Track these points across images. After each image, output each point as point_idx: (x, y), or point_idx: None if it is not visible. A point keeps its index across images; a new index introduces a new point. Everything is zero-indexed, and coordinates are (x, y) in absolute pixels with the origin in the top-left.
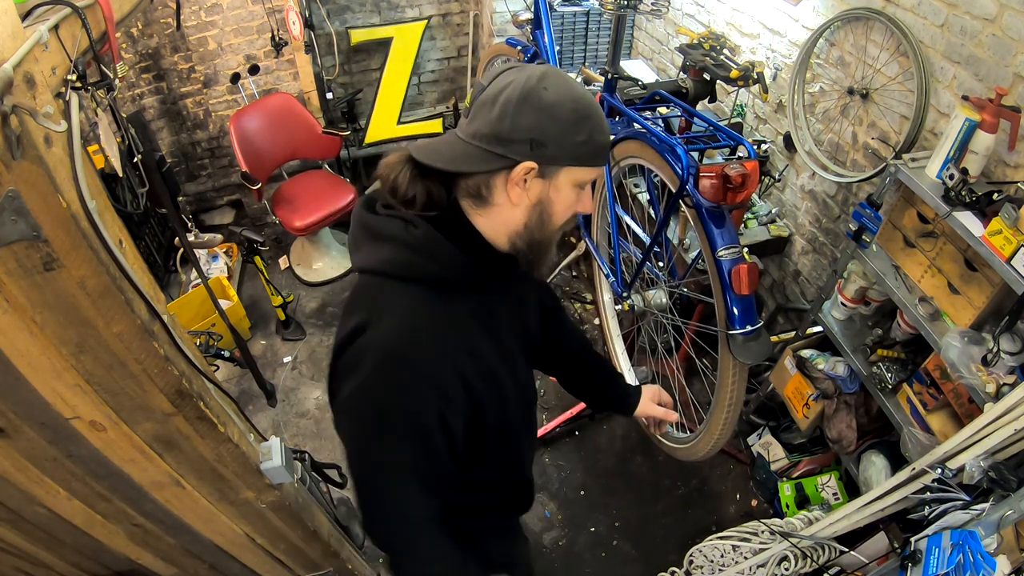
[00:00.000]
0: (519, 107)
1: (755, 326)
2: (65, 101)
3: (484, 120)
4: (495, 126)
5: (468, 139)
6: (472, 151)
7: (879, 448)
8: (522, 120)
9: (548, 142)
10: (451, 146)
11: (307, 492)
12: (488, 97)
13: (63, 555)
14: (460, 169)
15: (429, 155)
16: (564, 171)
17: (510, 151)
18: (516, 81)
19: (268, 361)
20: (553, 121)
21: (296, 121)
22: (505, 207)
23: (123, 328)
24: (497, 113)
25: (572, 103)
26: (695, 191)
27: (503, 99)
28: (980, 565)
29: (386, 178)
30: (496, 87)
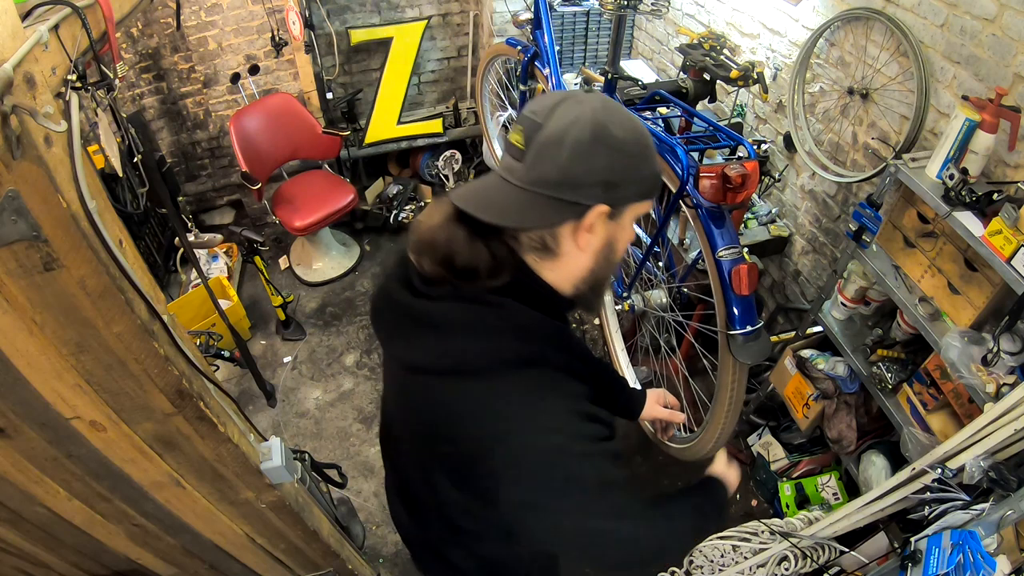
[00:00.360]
0: (592, 148)
1: (755, 326)
2: (65, 101)
3: (552, 165)
4: (566, 171)
5: (530, 187)
6: (538, 200)
7: (879, 448)
8: (596, 162)
9: (620, 182)
10: (507, 195)
11: (307, 492)
12: (553, 139)
13: (63, 555)
14: (530, 225)
15: (488, 211)
16: (630, 208)
17: (582, 196)
18: (582, 118)
19: (268, 361)
20: (625, 159)
21: (296, 121)
22: (572, 255)
23: (123, 328)
24: (567, 156)
25: (637, 135)
26: (695, 191)
27: (572, 140)
28: (980, 565)
29: (433, 244)
30: (558, 126)
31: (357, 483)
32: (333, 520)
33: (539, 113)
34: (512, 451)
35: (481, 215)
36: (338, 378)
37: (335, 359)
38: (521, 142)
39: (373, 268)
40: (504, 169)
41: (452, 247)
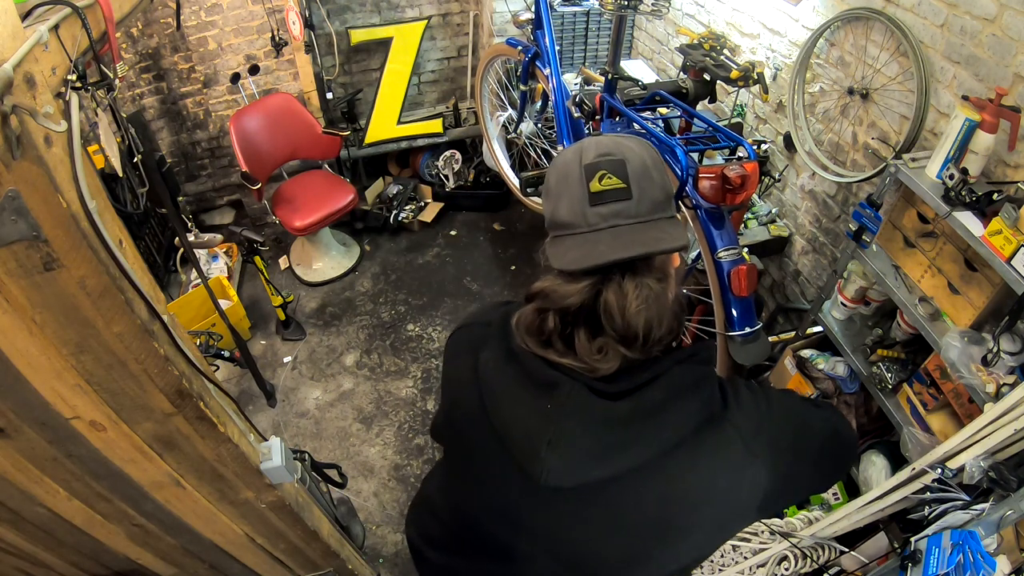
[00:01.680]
0: (656, 164)
1: (754, 328)
2: (65, 101)
3: (656, 187)
4: (664, 187)
5: (649, 216)
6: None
7: (879, 448)
8: (666, 174)
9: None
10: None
11: (307, 492)
12: (641, 167)
13: (63, 555)
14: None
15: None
16: None
17: (674, 207)
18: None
19: (268, 361)
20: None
21: (296, 121)
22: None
23: (123, 328)
24: (658, 175)
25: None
26: (694, 192)
27: (652, 161)
28: (980, 565)
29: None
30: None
31: (357, 483)
32: (333, 520)
33: (613, 153)
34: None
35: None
36: (338, 378)
37: (335, 359)
38: (619, 182)
39: (373, 268)
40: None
41: (660, 322)
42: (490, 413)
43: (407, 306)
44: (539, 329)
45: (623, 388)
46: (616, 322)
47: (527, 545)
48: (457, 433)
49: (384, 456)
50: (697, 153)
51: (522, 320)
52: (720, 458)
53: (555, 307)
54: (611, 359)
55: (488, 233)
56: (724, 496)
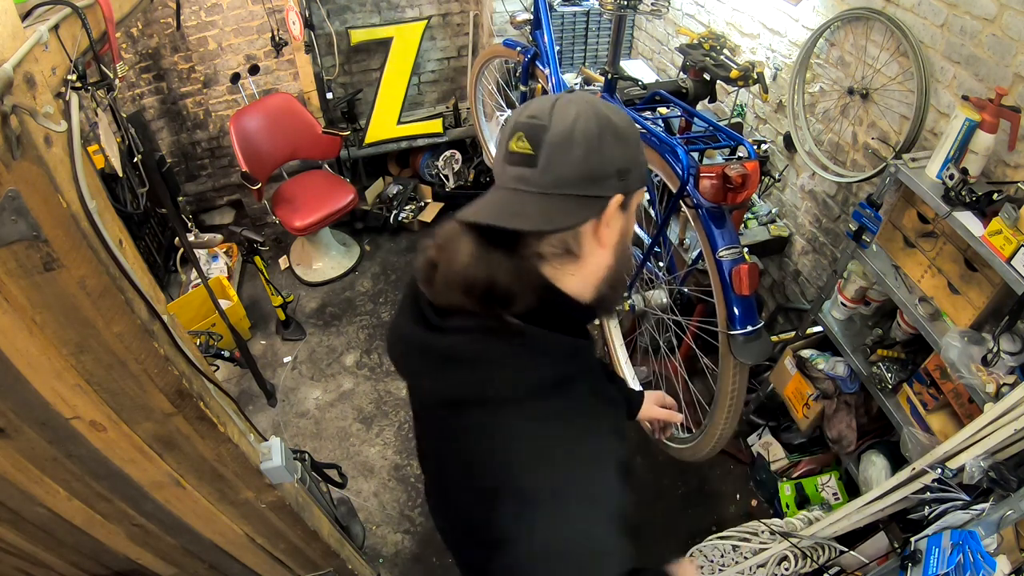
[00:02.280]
0: (601, 139)
1: (756, 326)
2: (65, 101)
3: (567, 163)
4: (583, 166)
5: (551, 190)
6: (563, 202)
7: (879, 448)
8: (607, 152)
9: (630, 168)
10: (529, 205)
11: (307, 492)
12: (563, 137)
13: (63, 555)
14: (564, 226)
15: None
16: (636, 195)
17: (603, 188)
18: (584, 113)
19: (268, 361)
20: (629, 146)
21: (296, 121)
22: (595, 254)
23: (123, 328)
24: (582, 151)
25: (631, 122)
26: (695, 191)
27: (581, 135)
28: (980, 565)
29: (470, 276)
30: (564, 124)
31: (357, 483)
32: (333, 520)
33: (540, 115)
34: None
35: (511, 224)
36: (338, 378)
37: (335, 359)
38: (528, 148)
39: (373, 268)
40: (514, 180)
41: (493, 274)
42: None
43: None
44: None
45: (443, 324)
46: (442, 268)
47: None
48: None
49: (384, 456)
50: (697, 152)
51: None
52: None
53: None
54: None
55: None
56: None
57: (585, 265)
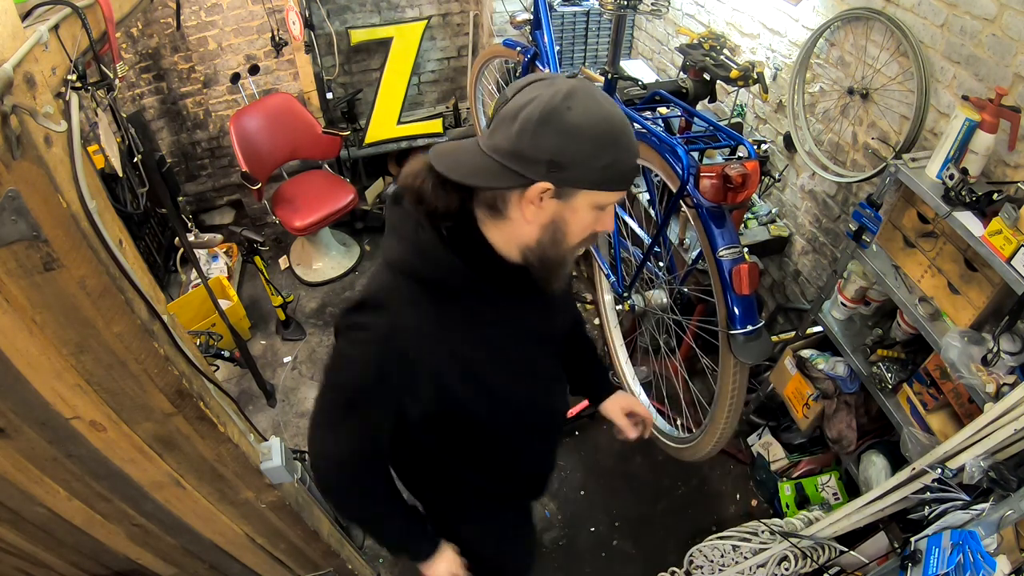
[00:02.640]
0: (539, 127)
1: (756, 326)
2: (65, 101)
3: (504, 135)
4: (514, 143)
5: (488, 152)
6: (491, 165)
7: (879, 448)
8: (541, 141)
9: (567, 165)
10: (471, 156)
11: (307, 492)
12: (510, 112)
13: (63, 555)
14: (476, 184)
15: (449, 166)
16: (583, 194)
17: (527, 170)
18: (540, 97)
19: (268, 361)
20: (574, 144)
21: (296, 121)
22: (519, 222)
23: (123, 328)
24: (516, 130)
25: (597, 126)
26: (695, 191)
27: (524, 116)
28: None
29: (411, 187)
30: (519, 101)
31: None
32: (333, 520)
33: (512, 88)
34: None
35: (440, 168)
36: None
37: None
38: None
39: (373, 268)
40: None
41: (423, 189)
42: None
43: None
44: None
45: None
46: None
47: None
48: None
49: None
50: (697, 152)
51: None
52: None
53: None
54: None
55: None
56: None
57: (508, 227)
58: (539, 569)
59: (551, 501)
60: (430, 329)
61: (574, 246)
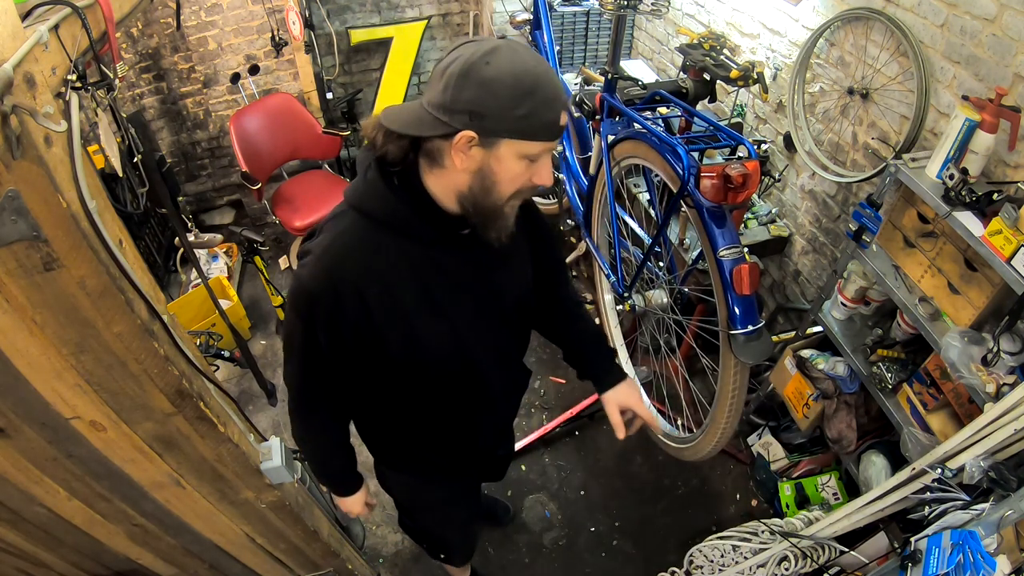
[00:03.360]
0: (460, 81)
1: (756, 326)
2: (65, 101)
3: (434, 90)
4: (440, 96)
5: (425, 106)
6: (425, 117)
7: (879, 448)
8: (462, 93)
9: (487, 115)
10: (412, 112)
11: (307, 492)
12: (438, 69)
13: (63, 555)
14: (410, 132)
15: (390, 120)
16: (505, 143)
17: (452, 120)
18: (462, 56)
19: (268, 361)
20: (491, 96)
21: (296, 121)
22: (452, 171)
23: (123, 328)
24: (442, 85)
25: (513, 79)
26: (696, 191)
27: (448, 72)
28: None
29: (369, 137)
30: (447, 60)
31: None
32: (333, 520)
33: (446, 49)
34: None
35: (384, 121)
36: None
37: None
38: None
39: None
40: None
41: (377, 139)
42: None
43: None
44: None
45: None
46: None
47: None
48: None
49: None
50: (698, 152)
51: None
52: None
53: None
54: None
55: None
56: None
57: (445, 175)
58: (539, 569)
59: (551, 501)
60: (364, 256)
61: (507, 196)
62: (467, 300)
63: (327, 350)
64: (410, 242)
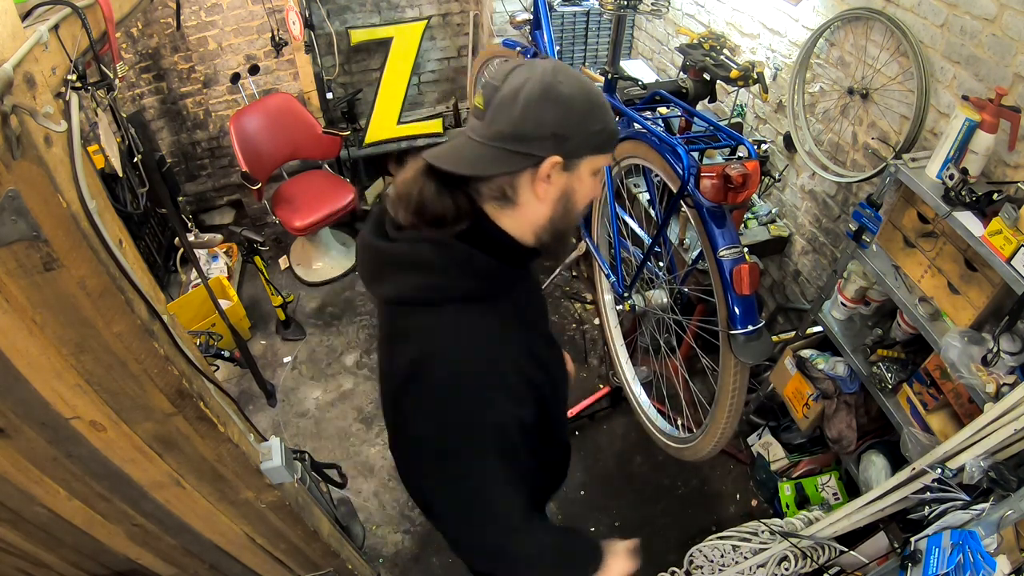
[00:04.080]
0: (540, 104)
1: (756, 326)
2: (65, 101)
3: (506, 120)
4: (519, 125)
5: (489, 141)
6: (496, 153)
7: (879, 448)
8: (545, 116)
9: (570, 135)
10: (471, 150)
11: (307, 492)
12: (506, 97)
13: (63, 555)
14: (487, 172)
15: (451, 162)
16: (585, 161)
17: (534, 148)
18: (532, 78)
19: (268, 361)
20: (573, 114)
21: (296, 121)
22: (531, 204)
23: (123, 328)
24: (519, 112)
25: (586, 94)
26: (696, 191)
27: (523, 97)
28: (980, 565)
29: (408, 196)
30: (512, 87)
31: (357, 483)
32: (333, 520)
33: (497, 78)
34: (427, 378)
35: (446, 166)
36: (338, 378)
37: (335, 359)
38: (482, 104)
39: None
40: (469, 129)
41: (423, 197)
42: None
43: None
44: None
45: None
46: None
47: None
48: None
49: (384, 456)
50: (698, 152)
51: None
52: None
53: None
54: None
55: None
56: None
57: (522, 211)
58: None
59: (551, 501)
60: (499, 338)
61: (580, 214)
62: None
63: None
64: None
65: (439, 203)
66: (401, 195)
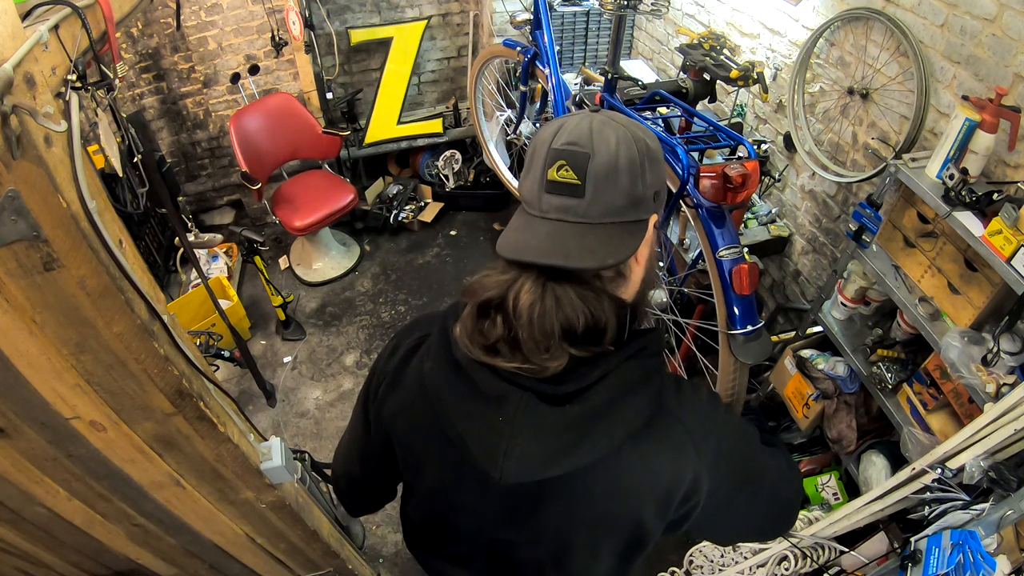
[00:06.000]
0: (643, 166)
1: (756, 326)
2: (65, 101)
3: (616, 191)
4: (631, 192)
5: (603, 219)
6: (615, 230)
7: (879, 448)
8: (648, 177)
9: (662, 187)
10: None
11: (307, 492)
12: (607, 166)
13: (63, 555)
14: (623, 256)
15: (585, 257)
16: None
17: (643, 212)
18: (623, 138)
19: (268, 361)
20: (661, 167)
21: (296, 121)
22: (635, 272)
23: (123, 328)
24: (628, 179)
25: (657, 141)
26: (695, 191)
27: (628, 163)
28: (980, 565)
29: (544, 326)
30: (608, 154)
31: None
32: (333, 520)
33: (580, 142)
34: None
35: (590, 264)
36: (338, 378)
37: (335, 359)
38: (573, 177)
39: (373, 268)
40: (557, 211)
41: (566, 314)
42: (443, 424)
43: (407, 306)
44: (483, 334)
45: (571, 390)
46: (522, 320)
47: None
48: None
49: None
50: (697, 152)
51: (464, 327)
52: (666, 454)
53: (477, 300)
54: (558, 356)
55: (488, 233)
56: (664, 490)
57: (631, 285)
58: None
59: None
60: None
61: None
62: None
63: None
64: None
65: (585, 309)
66: (535, 328)
